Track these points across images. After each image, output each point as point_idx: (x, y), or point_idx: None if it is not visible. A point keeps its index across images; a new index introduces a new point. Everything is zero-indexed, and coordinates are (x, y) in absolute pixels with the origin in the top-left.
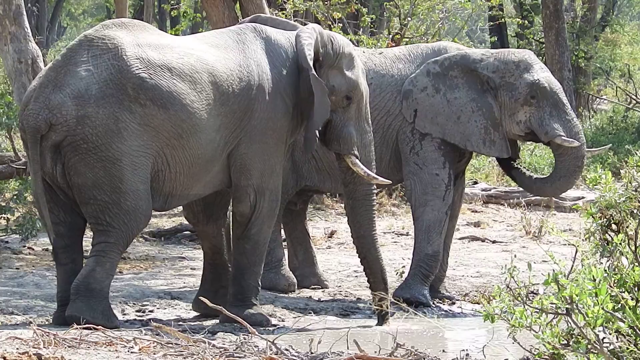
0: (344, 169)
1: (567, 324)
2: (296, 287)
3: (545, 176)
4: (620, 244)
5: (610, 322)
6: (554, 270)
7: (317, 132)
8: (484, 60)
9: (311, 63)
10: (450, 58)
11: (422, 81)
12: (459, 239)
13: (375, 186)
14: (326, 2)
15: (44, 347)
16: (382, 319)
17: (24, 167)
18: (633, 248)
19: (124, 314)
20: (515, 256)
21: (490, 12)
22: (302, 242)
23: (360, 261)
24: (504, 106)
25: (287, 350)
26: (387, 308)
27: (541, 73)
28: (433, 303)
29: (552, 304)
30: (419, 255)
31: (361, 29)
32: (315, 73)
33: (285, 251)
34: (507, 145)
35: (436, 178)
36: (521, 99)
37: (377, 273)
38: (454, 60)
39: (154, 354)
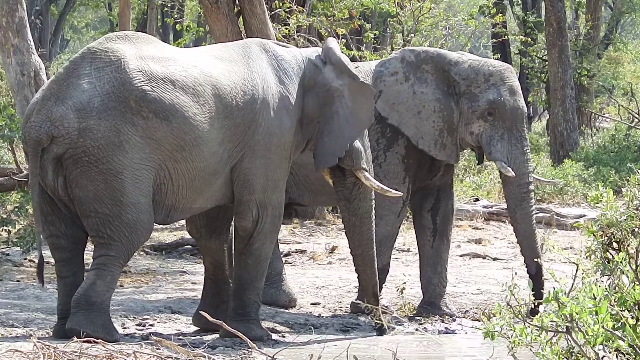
0: (349, 185)
1: (567, 342)
2: (296, 302)
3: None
4: (621, 262)
5: (610, 341)
6: (554, 288)
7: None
8: (459, 64)
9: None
10: (427, 52)
11: (394, 65)
12: (460, 255)
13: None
14: (329, 18)
15: None
16: (380, 331)
17: (26, 179)
18: (634, 267)
19: (124, 328)
20: (516, 273)
21: (493, 29)
22: None
23: (356, 273)
24: (462, 113)
25: None
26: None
27: (507, 94)
28: (433, 319)
29: (552, 321)
30: None
31: (364, 45)
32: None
33: (285, 265)
34: (457, 152)
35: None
36: (478, 112)
37: (370, 289)
38: (430, 55)
39: None
